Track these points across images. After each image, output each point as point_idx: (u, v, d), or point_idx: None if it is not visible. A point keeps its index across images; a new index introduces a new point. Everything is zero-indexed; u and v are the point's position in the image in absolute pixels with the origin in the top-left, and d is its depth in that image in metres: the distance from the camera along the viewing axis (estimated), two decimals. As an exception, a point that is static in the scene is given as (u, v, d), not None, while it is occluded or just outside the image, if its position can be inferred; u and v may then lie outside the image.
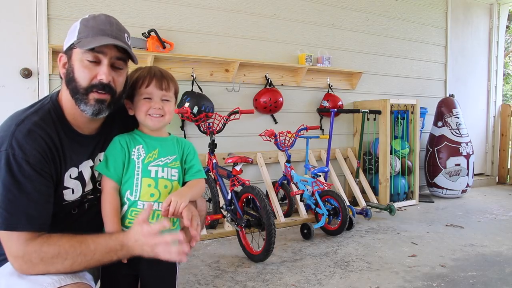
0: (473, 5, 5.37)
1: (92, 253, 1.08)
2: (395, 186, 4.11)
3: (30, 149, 1.06)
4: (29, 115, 1.11)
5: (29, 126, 1.08)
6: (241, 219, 2.61)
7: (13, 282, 1.07)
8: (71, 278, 1.07)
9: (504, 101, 6.87)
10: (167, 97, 1.27)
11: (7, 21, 2.67)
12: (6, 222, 1.03)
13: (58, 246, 1.06)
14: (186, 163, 1.35)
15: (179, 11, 3.29)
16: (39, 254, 1.04)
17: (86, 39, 1.11)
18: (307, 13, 3.94)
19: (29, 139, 1.06)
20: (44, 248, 1.05)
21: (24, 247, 1.04)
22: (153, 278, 1.28)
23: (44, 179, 1.08)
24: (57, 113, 1.17)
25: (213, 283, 2.22)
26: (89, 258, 1.08)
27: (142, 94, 1.25)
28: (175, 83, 1.31)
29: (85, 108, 1.13)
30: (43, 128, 1.10)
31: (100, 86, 1.13)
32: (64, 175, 1.16)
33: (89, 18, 1.16)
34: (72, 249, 1.06)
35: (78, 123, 1.19)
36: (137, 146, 1.26)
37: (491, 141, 5.65)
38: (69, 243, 1.07)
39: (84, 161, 1.22)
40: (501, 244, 2.88)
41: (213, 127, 2.92)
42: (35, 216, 1.06)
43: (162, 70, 1.29)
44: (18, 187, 1.03)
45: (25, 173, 1.04)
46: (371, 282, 2.23)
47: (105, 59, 1.13)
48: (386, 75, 4.56)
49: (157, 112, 1.25)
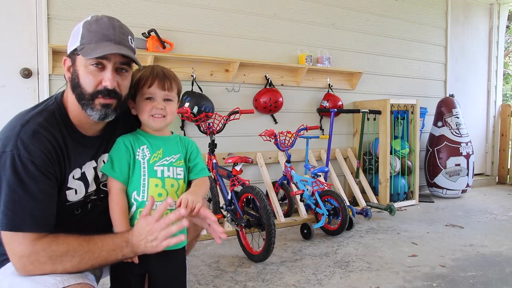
0: (473, 5, 5.37)
1: (99, 251, 1.08)
2: (395, 186, 4.11)
3: (36, 149, 1.06)
4: (34, 116, 1.11)
5: (34, 127, 1.08)
6: (241, 219, 2.61)
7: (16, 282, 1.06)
8: (74, 279, 1.07)
9: (504, 101, 6.87)
10: (169, 97, 1.27)
11: (7, 21, 2.67)
12: (11, 223, 1.03)
13: (67, 244, 1.06)
14: (190, 162, 1.35)
15: (179, 11, 3.29)
16: (48, 252, 1.04)
17: (90, 46, 1.11)
18: (307, 13, 3.94)
19: (34, 140, 1.06)
20: (53, 247, 1.05)
21: (32, 247, 1.03)
22: (163, 276, 1.29)
23: (49, 179, 1.09)
24: (62, 114, 1.17)
25: (213, 283, 2.22)
26: (96, 255, 1.08)
27: (145, 94, 1.25)
28: (177, 83, 1.30)
29: (91, 113, 1.14)
30: (48, 129, 1.10)
31: (105, 92, 1.13)
32: (68, 176, 1.16)
33: (91, 21, 1.15)
34: (80, 247, 1.07)
35: (82, 125, 1.20)
36: (141, 147, 1.26)
37: (491, 141, 5.65)
38: (77, 241, 1.08)
39: (88, 162, 1.22)
40: (501, 244, 2.88)
41: (213, 127, 2.92)
42: (40, 216, 1.06)
43: (165, 70, 1.29)
44: (23, 187, 1.03)
45: (30, 174, 1.04)
46: (371, 282, 2.23)
47: (109, 65, 1.13)
48: (386, 75, 4.56)
49: (160, 112, 1.25)
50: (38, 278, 1.05)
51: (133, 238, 1.12)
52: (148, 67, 1.29)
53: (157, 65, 1.33)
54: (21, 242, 1.04)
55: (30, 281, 1.05)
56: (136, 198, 1.23)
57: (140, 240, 1.12)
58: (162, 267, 1.28)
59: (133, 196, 1.24)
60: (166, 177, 1.25)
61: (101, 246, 1.09)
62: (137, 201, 1.23)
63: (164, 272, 1.29)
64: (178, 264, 1.32)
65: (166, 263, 1.27)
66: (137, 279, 1.27)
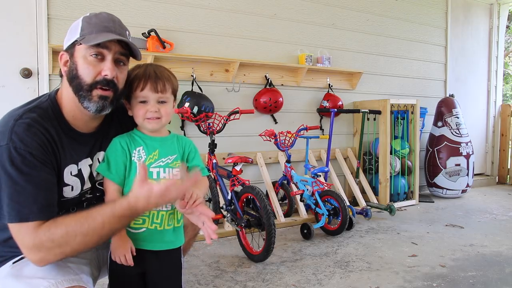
0: (473, 5, 5.37)
1: (101, 225, 1.06)
2: (395, 186, 4.11)
3: (31, 141, 1.06)
4: (27, 111, 1.11)
5: (27, 121, 1.08)
6: (241, 219, 2.61)
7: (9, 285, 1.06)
8: (68, 282, 1.07)
9: (504, 101, 6.87)
10: (163, 99, 1.25)
11: (7, 21, 2.67)
12: (19, 215, 1.03)
13: (65, 225, 1.05)
14: (188, 162, 1.35)
15: (179, 11, 3.29)
16: (49, 236, 1.04)
17: (91, 35, 1.11)
18: (307, 13, 3.94)
19: (29, 132, 1.07)
20: (52, 229, 1.04)
21: (35, 234, 1.03)
22: (158, 275, 1.29)
23: (48, 168, 1.09)
24: (55, 111, 1.17)
25: (213, 283, 2.22)
26: (99, 230, 1.06)
27: (138, 97, 1.23)
28: (172, 82, 1.27)
29: (88, 104, 1.14)
30: (41, 123, 1.10)
31: (104, 82, 1.13)
32: (63, 170, 1.16)
33: (91, 16, 1.17)
34: (79, 224, 1.05)
35: (76, 122, 1.19)
36: (137, 148, 1.26)
37: (491, 141, 5.64)
38: (74, 220, 1.06)
39: (84, 159, 1.22)
40: (501, 244, 2.88)
41: (213, 127, 2.92)
42: (45, 204, 1.06)
43: (158, 70, 1.26)
44: (25, 178, 1.04)
45: (29, 164, 1.04)
46: (371, 282, 2.23)
47: (109, 55, 1.14)
48: (386, 75, 4.56)
49: (154, 115, 1.23)
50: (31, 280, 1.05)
51: (137, 203, 1.07)
52: (142, 67, 1.27)
53: (150, 64, 1.30)
54: (26, 232, 1.04)
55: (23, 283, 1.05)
56: None
57: (141, 200, 1.07)
58: (157, 266, 1.28)
59: None
60: (162, 179, 1.25)
61: (102, 221, 1.06)
62: None
63: (159, 271, 1.29)
64: (173, 264, 1.32)
65: (161, 262, 1.28)
66: (136, 278, 1.27)
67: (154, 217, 1.25)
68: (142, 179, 1.07)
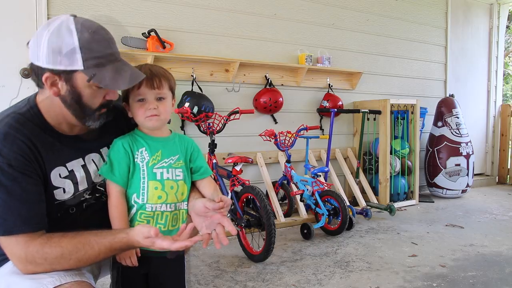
0: (473, 5, 5.37)
1: (97, 254, 1.07)
2: (395, 186, 4.11)
3: (9, 151, 1.03)
4: (3, 119, 1.09)
5: (3, 130, 1.06)
6: (241, 219, 2.61)
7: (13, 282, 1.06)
8: (71, 276, 1.07)
9: (504, 101, 6.87)
10: (161, 95, 1.24)
11: (7, 21, 2.67)
12: (2, 228, 1.02)
13: (61, 248, 1.05)
14: (192, 162, 1.34)
15: (179, 11, 3.29)
16: (42, 254, 1.03)
17: (105, 73, 1.07)
18: (307, 13, 3.94)
19: (6, 142, 1.04)
20: (46, 249, 1.04)
21: (26, 249, 1.03)
22: (162, 276, 1.29)
23: (31, 178, 1.07)
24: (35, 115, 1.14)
25: (213, 283, 2.22)
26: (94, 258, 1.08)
27: (136, 96, 1.23)
28: (168, 79, 1.27)
29: (93, 123, 1.16)
30: (19, 129, 1.08)
31: (108, 104, 1.16)
32: (49, 174, 1.14)
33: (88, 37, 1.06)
34: (75, 250, 1.06)
35: (61, 126, 1.18)
36: (140, 149, 1.25)
37: (491, 141, 5.64)
38: (71, 245, 1.06)
39: (73, 160, 1.20)
40: (501, 244, 2.88)
41: (213, 127, 2.92)
42: (29, 216, 1.05)
43: (153, 68, 1.25)
44: (6, 190, 1.02)
45: (9, 176, 1.02)
46: (371, 282, 2.23)
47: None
48: (386, 75, 4.56)
49: (153, 112, 1.23)
50: (35, 276, 1.05)
51: (134, 243, 1.09)
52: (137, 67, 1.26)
53: (145, 64, 1.30)
54: (16, 245, 1.03)
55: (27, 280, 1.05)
56: (136, 201, 1.23)
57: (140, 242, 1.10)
58: (161, 267, 1.28)
59: (133, 198, 1.23)
60: (166, 179, 1.25)
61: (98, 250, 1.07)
62: (137, 203, 1.23)
63: (163, 272, 1.29)
64: (177, 265, 1.32)
65: (165, 263, 1.28)
66: (139, 279, 1.28)
67: (158, 218, 1.25)
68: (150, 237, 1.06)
